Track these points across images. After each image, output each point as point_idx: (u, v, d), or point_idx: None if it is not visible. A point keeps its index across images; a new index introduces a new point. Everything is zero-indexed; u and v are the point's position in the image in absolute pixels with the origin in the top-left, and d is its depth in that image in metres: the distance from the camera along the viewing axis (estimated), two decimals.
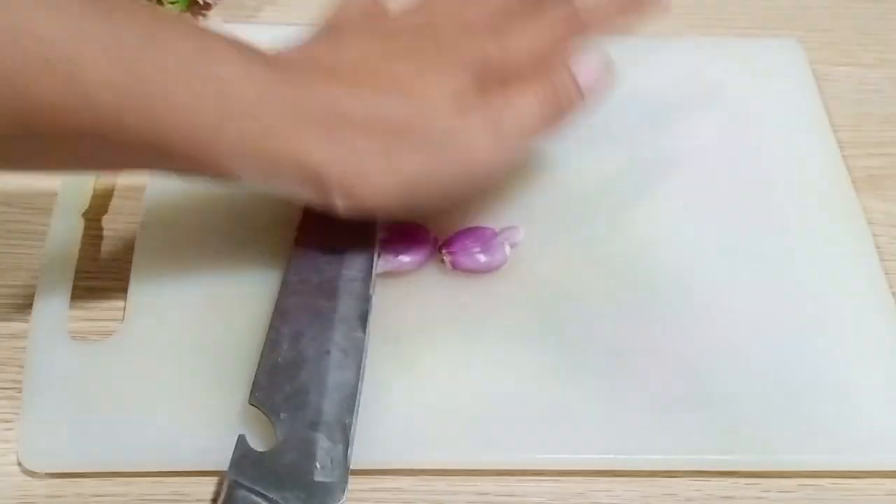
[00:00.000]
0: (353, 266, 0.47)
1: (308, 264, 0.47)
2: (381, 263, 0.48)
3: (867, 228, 0.53)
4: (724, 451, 0.45)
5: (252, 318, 0.48)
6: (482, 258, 0.49)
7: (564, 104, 0.46)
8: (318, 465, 0.40)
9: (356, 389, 0.43)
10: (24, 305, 0.49)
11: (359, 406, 0.43)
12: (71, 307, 0.48)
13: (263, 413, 0.42)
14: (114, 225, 0.53)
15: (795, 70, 0.61)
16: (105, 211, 0.53)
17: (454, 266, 0.49)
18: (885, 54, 0.64)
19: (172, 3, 0.63)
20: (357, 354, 0.44)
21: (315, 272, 0.47)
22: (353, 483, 0.41)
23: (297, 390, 0.42)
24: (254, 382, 0.43)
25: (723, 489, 0.45)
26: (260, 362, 0.44)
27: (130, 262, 0.50)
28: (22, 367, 0.46)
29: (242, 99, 0.39)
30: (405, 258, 0.49)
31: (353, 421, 0.42)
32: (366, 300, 0.46)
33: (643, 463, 0.45)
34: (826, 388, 0.47)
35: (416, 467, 0.44)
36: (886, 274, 0.51)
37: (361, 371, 0.44)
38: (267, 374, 0.43)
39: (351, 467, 0.42)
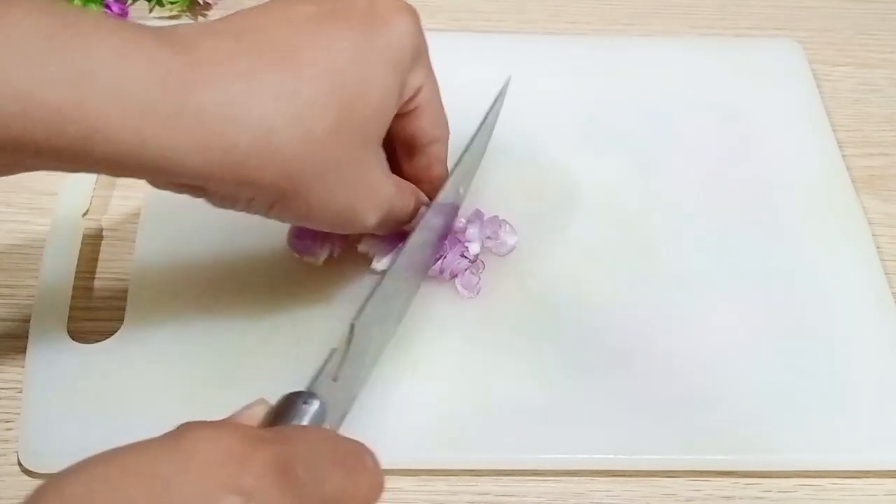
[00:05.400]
0: None
1: None
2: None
3: (867, 228, 0.53)
4: (724, 451, 0.45)
5: (252, 317, 0.48)
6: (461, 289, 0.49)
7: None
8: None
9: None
10: (24, 305, 0.49)
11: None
12: (71, 307, 0.48)
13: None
14: (114, 225, 0.53)
15: (795, 70, 0.61)
16: (105, 211, 0.53)
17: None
18: (885, 54, 0.64)
19: (173, 2, 0.63)
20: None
21: None
22: None
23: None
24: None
25: (723, 489, 0.45)
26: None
27: (130, 262, 0.50)
28: (22, 367, 0.46)
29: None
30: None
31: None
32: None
33: (643, 463, 0.45)
34: (826, 389, 0.47)
35: (416, 467, 0.44)
36: (886, 274, 0.51)
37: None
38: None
39: None
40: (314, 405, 0.35)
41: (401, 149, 0.46)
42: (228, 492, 0.28)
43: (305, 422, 0.35)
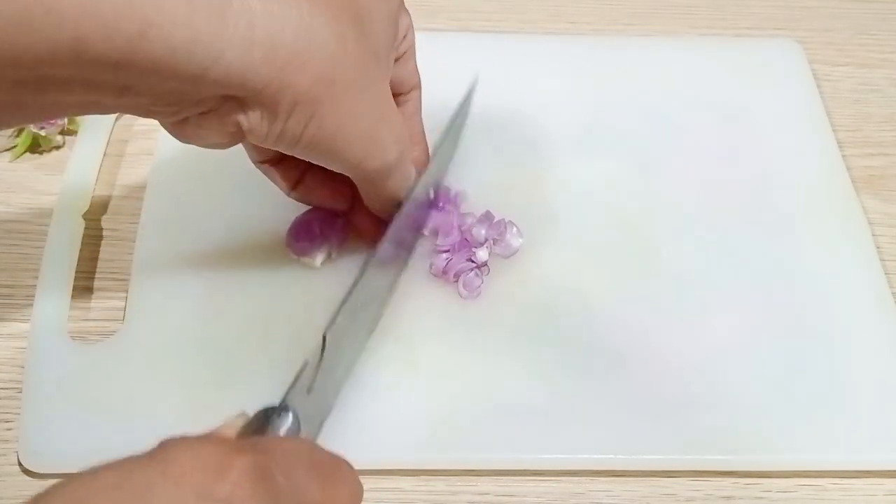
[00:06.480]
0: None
1: None
2: None
3: (867, 228, 0.53)
4: (724, 451, 0.45)
5: (251, 317, 0.48)
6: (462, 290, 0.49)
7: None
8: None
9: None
10: (24, 305, 0.49)
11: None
12: (71, 307, 0.48)
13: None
14: (114, 225, 0.53)
15: (795, 70, 0.61)
16: (105, 211, 0.53)
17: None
18: (885, 54, 0.64)
19: None
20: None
21: None
22: None
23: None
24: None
25: (723, 489, 0.45)
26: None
27: (130, 262, 0.50)
28: (22, 367, 0.46)
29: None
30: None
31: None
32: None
33: (643, 463, 0.45)
34: (826, 389, 0.47)
35: (416, 467, 0.44)
36: (886, 274, 0.51)
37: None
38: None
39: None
40: (288, 419, 0.36)
41: None
42: (205, 500, 0.27)
43: (280, 434, 0.35)
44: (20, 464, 0.44)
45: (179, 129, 0.40)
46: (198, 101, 0.38)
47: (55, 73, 0.33)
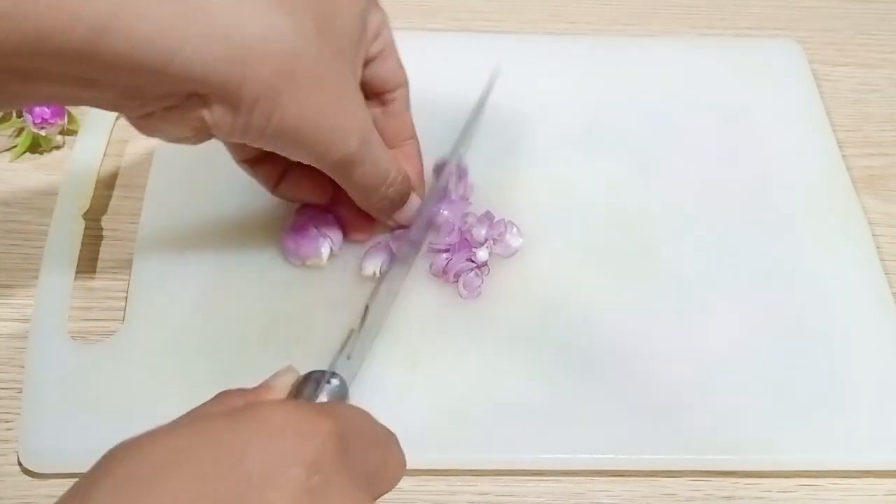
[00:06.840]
0: None
1: None
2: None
3: (867, 228, 0.53)
4: (724, 451, 0.45)
5: (251, 317, 0.48)
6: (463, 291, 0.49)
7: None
8: None
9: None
10: (24, 305, 0.49)
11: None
12: (71, 307, 0.48)
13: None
14: (114, 225, 0.53)
15: (795, 70, 0.61)
16: (105, 211, 0.53)
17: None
18: (885, 54, 0.64)
19: None
20: None
21: None
22: None
23: None
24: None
25: (723, 489, 0.45)
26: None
27: (130, 262, 0.50)
28: (22, 367, 0.46)
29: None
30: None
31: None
32: None
33: (643, 463, 0.45)
34: (826, 389, 0.47)
35: (416, 467, 0.44)
36: (886, 274, 0.51)
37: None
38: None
39: None
40: (335, 382, 0.38)
41: (376, 102, 0.47)
42: (294, 463, 0.28)
43: (327, 398, 0.37)
44: (20, 464, 0.44)
45: (144, 123, 0.40)
46: (162, 97, 0.38)
47: (21, 64, 0.34)
